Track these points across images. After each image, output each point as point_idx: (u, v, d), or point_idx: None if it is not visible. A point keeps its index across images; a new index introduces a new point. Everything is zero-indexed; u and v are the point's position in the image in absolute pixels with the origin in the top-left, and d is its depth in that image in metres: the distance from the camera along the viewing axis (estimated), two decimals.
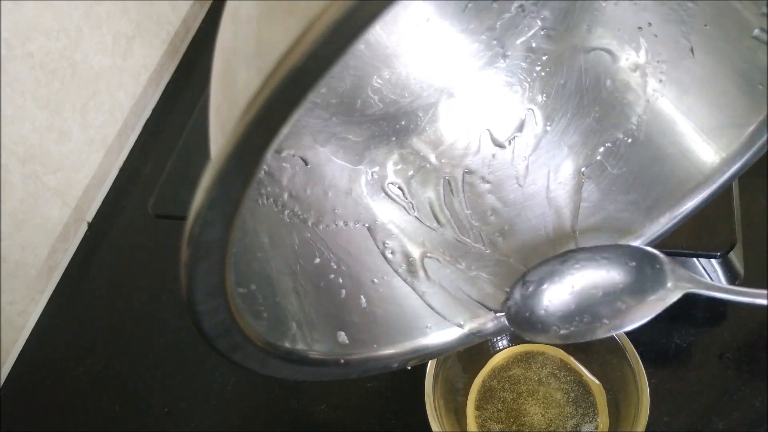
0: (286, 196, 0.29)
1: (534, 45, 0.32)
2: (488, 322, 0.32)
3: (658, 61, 0.30)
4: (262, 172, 0.28)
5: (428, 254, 0.33)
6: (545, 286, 0.30)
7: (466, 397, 0.39)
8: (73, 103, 0.56)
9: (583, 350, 0.39)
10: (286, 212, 0.29)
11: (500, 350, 0.40)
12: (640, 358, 0.34)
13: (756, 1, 0.25)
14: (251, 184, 0.17)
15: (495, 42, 0.32)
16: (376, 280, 0.31)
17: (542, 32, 0.32)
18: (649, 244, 0.31)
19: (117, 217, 0.59)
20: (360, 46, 0.30)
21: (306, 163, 0.31)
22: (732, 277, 0.41)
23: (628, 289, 0.29)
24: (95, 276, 0.55)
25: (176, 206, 0.47)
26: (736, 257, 0.41)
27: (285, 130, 0.16)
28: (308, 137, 0.31)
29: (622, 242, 0.32)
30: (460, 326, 0.31)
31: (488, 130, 0.34)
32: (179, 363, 0.48)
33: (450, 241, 0.33)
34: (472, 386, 0.40)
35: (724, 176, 0.30)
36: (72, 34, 0.56)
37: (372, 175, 0.33)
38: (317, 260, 0.30)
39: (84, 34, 0.57)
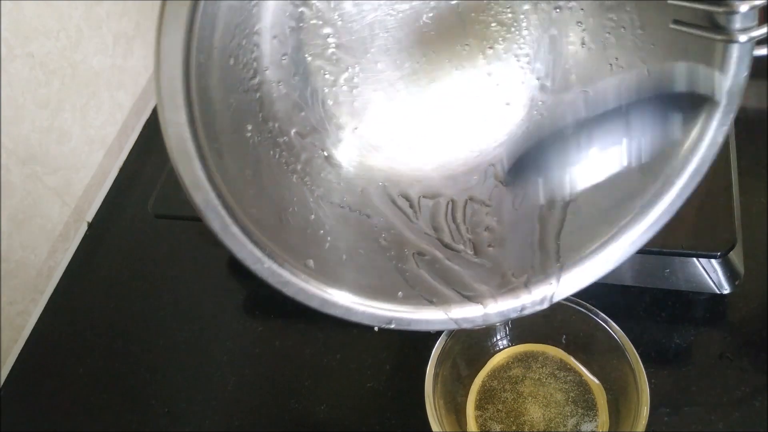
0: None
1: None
2: (459, 307, 0.33)
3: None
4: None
5: (421, 251, 0.35)
6: None
7: (466, 397, 0.39)
8: (73, 103, 0.56)
9: (583, 350, 0.39)
10: (294, 177, 0.34)
11: (500, 350, 0.40)
12: (640, 358, 0.35)
13: None
14: None
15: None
16: (362, 251, 0.34)
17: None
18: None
19: (117, 217, 0.59)
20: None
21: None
22: (732, 277, 0.41)
23: None
24: (95, 276, 0.55)
25: (176, 206, 0.47)
26: (736, 257, 0.41)
27: None
28: None
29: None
30: (431, 302, 0.33)
31: (493, 165, 0.37)
32: (179, 363, 0.48)
33: (445, 245, 0.35)
34: (472, 386, 0.40)
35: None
36: (72, 34, 0.56)
37: (385, 189, 0.36)
38: (312, 216, 0.33)
39: (84, 34, 0.57)
